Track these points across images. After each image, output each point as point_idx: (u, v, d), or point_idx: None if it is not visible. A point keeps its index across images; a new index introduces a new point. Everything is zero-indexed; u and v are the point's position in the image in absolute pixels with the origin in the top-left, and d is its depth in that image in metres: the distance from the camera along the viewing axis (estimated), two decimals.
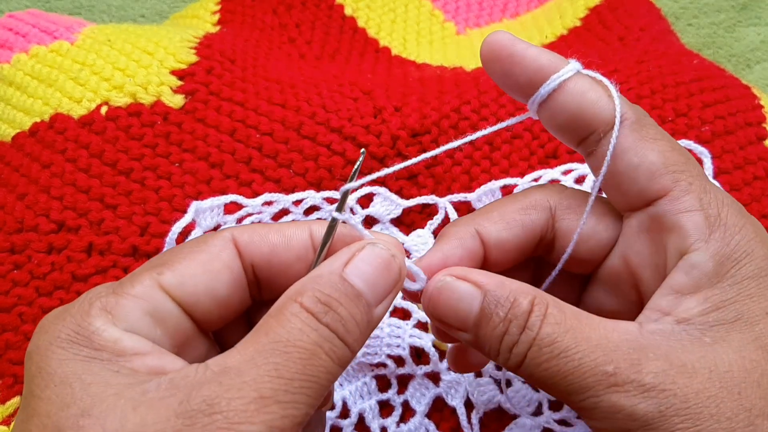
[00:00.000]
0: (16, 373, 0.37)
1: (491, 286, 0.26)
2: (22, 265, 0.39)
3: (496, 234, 0.29)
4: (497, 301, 0.26)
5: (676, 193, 0.26)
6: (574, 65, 0.28)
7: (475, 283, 0.26)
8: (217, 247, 0.25)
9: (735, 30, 0.70)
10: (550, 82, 0.27)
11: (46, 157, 0.42)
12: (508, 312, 0.26)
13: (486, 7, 0.65)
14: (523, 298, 0.26)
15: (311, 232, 0.27)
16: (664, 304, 0.26)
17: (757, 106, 0.47)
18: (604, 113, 0.27)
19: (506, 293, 0.26)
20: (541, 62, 0.27)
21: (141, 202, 0.40)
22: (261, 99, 0.44)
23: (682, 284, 0.26)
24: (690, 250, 0.26)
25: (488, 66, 0.28)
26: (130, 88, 0.44)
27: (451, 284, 0.27)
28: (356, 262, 0.25)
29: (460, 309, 0.26)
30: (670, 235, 0.26)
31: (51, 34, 0.47)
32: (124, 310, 0.23)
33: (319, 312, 0.23)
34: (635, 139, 0.27)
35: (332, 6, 0.59)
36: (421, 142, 0.43)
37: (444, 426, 0.38)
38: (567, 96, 0.27)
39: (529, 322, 0.25)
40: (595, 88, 0.27)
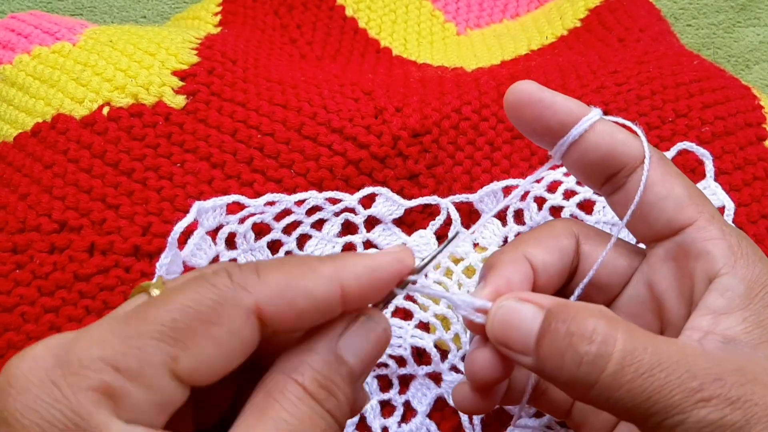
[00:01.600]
0: None
1: (552, 304, 0.26)
2: (24, 265, 0.39)
3: (541, 257, 0.30)
4: (559, 317, 0.25)
5: (701, 223, 0.28)
6: (598, 110, 0.29)
7: (537, 303, 0.26)
8: (238, 321, 0.22)
9: (734, 30, 0.70)
10: (581, 124, 0.29)
11: (48, 158, 0.42)
12: (570, 324, 0.25)
13: (486, 8, 0.65)
14: (588, 314, 0.25)
15: (342, 287, 0.23)
16: (704, 324, 0.26)
17: (756, 106, 0.47)
18: (634, 151, 0.29)
19: (569, 309, 0.25)
20: (570, 106, 0.29)
21: (143, 202, 0.40)
22: (262, 99, 0.44)
23: (719, 305, 0.27)
24: (720, 274, 0.27)
25: (515, 112, 0.30)
26: (131, 88, 0.44)
27: (512, 306, 0.26)
28: (350, 338, 0.24)
29: (522, 329, 0.26)
30: (698, 261, 0.28)
31: (53, 35, 0.47)
32: (130, 400, 0.20)
33: (322, 399, 0.22)
34: (662, 173, 0.29)
35: (333, 7, 0.59)
36: (422, 143, 0.43)
37: (445, 426, 0.38)
38: (598, 136, 0.29)
39: (601, 337, 0.24)
40: (620, 130, 0.29)
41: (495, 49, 0.59)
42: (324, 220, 0.41)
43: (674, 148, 0.43)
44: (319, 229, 0.41)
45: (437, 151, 0.43)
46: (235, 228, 0.39)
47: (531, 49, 0.57)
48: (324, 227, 0.41)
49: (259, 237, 0.40)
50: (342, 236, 0.41)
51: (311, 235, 0.41)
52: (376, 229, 0.41)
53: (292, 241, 0.41)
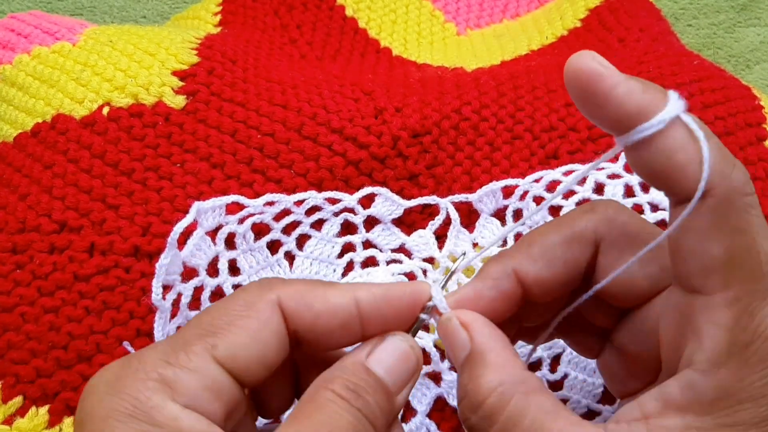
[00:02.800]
0: (18, 373, 0.37)
1: (479, 346, 0.27)
2: (24, 265, 0.39)
3: (535, 273, 0.28)
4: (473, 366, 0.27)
5: (716, 300, 0.23)
6: (674, 107, 0.23)
7: (471, 336, 0.27)
8: (265, 313, 0.25)
9: (734, 31, 0.70)
10: (640, 131, 0.23)
11: (48, 158, 0.42)
12: (469, 383, 0.26)
13: (486, 8, 0.65)
14: (489, 380, 0.26)
15: (358, 301, 0.26)
16: (649, 407, 0.24)
17: (757, 106, 0.47)
18: (689, 182, 0.23)
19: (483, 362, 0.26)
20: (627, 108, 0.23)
21: (143, 203, 0.40)
22: (262, 100, 0.44)
23: (674, 397, 0.24)
24: (696, 368, 0.23)
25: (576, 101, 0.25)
26: (131, 88, 0.44)
27: (453, 326, 0.28)
28: (378, 353, 0.26)
29: (454, 351, 0.28)
30: (691, 336, 0.24)
31: (53, 35, 0.47)
32: (183, 384, 0.23)
33: (350, 398, 0.24)
34: (708, 224, 0.23)
35: (333, 7, 0.59)
36: (422, 143, 0.43)
37: (445, 426, 0.38)
38: (654, 153, 0.23)
39: (483, 406, 0.26)
40: (686, 148, 0.23)
41: (495, 49, 0.59)
42: (323, 220, 0.41)
43: None
44: (318, 229, 0.41)
45: (437, 152, 0.43)
46: (235, 228, 0.39)
47: (531, 49, 0.57)
48: (323, 227, 0.41)
49: (258, 237, 0.40)
50: (341, 236, 0.41)
51: (310, 235, 0.41)
52: (376, 229, 0.41)
53: (291, 241, 0.41)
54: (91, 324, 0.37)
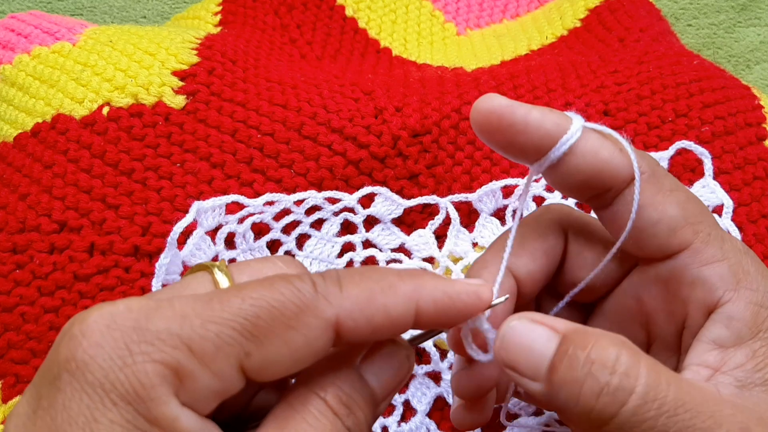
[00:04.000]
0: (18, 373, 0.37)
1: (569, 329, 0.24)
2: (24, 265, 0.39)
3: (525, 268, 0.28)
4: (577, 343, 0.23)
5: (697, 246, 0.26)
6: (578, 122, 0.26)
7: (551, 327, 0.24)
8: (315, 331, 0.22)
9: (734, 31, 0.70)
10: (559, 146, 0.25)
11: (48, 158, 0.42)
12: (591, 351, 0.23)
13: (486, 8, 0.66)
14: (609, 342, 0.23)
15: (418, 309, 0.23)
16: (711, 360, 0.25)
17: (757, 106, 0.47)
18: (620, 170, 0.26)
19: (588, 336, 0.23)
20: (546, 127, 0.25)
21: (143, 202, 0.40)
22: (262, 100, 0.44)
23: (725, 338, 0.25)
24: (721, 303, 0.25)
25: (485, 136, 0.26)
26: (131, 88, 0.44)
27: (524, 327, 0.24)
28: (374, 361, 0.24)
29: (534, 353, 0.24)
30: (694, 288, 0.26)
31: (53, 35, 0.47)
32: (194, 384, 0.20)
33: (343, 415, 0.22)
34: (653, 193, 0.26)
35: (333, 7, 0.59)
36: (422, 142, 0.43)
37: (445, 425, 0.38)
38: (579, 158, 0.25)
39: (624, 368, 0.22)
40: (605, 145, 0.26)
41: (495, 49, 0.59)
42: (323, 219, 0.41)
43: (673, 147, 0.43)
44: (318, 229, 0.41)
45: (437, 151, 0.43)
46: (235, 228, 0.39)
47: (531, 49, 0.57)
48: (323, 227, 0.41)
49: (258, 237, 0.40)
50: (341, 236, 0.41)
51: (310, 234, 0.41)
52: (376, 229, 0.42)
53: (291, 241, 0.41)
54: None
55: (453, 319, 0.24)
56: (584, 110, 0.45)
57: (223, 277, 0.24)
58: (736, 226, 0.41)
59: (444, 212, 0.42)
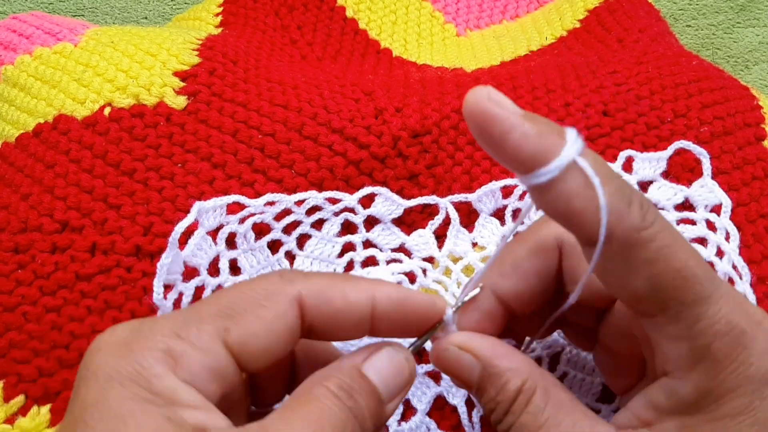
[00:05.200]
0: (20, 372, 0.37)
1: (489, 359, 0.28)
2: (25, 265, 0.39)
3: (513, 289, 0.30)
4: (491, 378, 0.28)
5: (659, 320, 0.25)
6: (570, 151, 0.23)
7: (475, 355, 0.28)
8: (283, 306, 0.25)
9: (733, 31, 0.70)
10: (537, 176, 0.23)
11: (50, 158, 0.42)
12: (498, 393, 0.28)
13: (486, 9, 0.66)
14: (513, 382, 0.28)
15: (374, 301, 0.27)
16: (643, 414, 0.27)
17: (755, 107, 0.47)
18: (588, 227, 0.23)
19: (500, 371, 0.28)
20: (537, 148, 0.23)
21: (144, 203, 0.40)
22: (263, 100, 0.44)
23: (662, 404, 0.26)
24: (672, 376, 0.26)
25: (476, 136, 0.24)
26: (133, 89, 0.44)
27: (454, 353, 0.29)
28: (373, 360, 0.27)
29: (463, 376, 0.29)
30: (656, 352, 0.26)
31: (54, 35, 0.47)
32: (187, 360, 0.24)
33: (343, 397, 0.25)
34: (620, 265, 0.24)
35: (334, 8, 0.59)
36: (422, 143, 0.43)
37: (445, 425, 0.38)
38: (554, 198, 0.23)
39: (512, 407, 0.27)
40: (582, 194, 0.23)
41: (495, 50, 0.59)
42: (324, 219, 0.41)
43: (671, 147, 0.43)
44: (318, 229, 0.41)
45: (437, 152, 0.43)
46: (236, 228, 0.40)
47: (530, 50, 0.58)
48: (324, 227, 0.41)
49: (259, 237, 0.40)
50: (342, 236, 0.41)
51: (311, 234, 0.41)
52: (376, 229, 0.42)
53: (292, 241, 0.41)
54: (93, 323, 0.38)
55: (408, 318, 0.28)
56: (583, 110, 0.45)
57: None
58: (735, 226, 0.41)
59: (444, 212, 0.42)
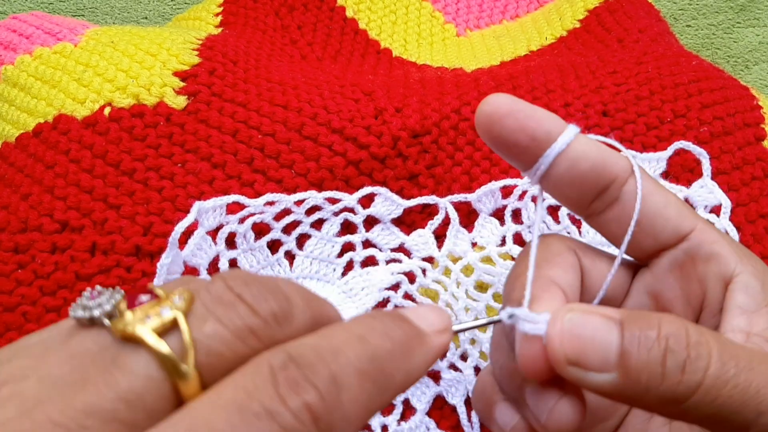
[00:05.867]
0: None
1: (624, 315, 0.23)
2: (25, 265, 0.39)
3: (564, 279, 0.27)
4: (642, 325, 0.22)
5: (701, 226, 0.28)
6: (574, 126, 0.27)
7: (605, 315, 0.23)
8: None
9: (733, 31, 0.70)
10: (567, 133, 0.26)
11: (50, 158, 0.42)
12: (660, 330, 0.22)
13: (486, 9, 0.66)
14: (669, 318, 0.23)
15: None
16: (742, 325, 0.26)
17: (755, 107, 0.47)
18: (621, 163, 0.27)
19: (646, 317, 0.23)
20: (552, 118, 0.27)
21: (144, 202, 0.40)
22: (263, 100, 0.44)
23: (748, 303, 0.26)
24: (736, 273, 0.27)
25: (492, 125, 0.26)
26: (133, 89, 0.44)
27: (579, 318, 0.23)
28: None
29: (598, 343, 0.22)
30: (710, 264, 0.27)
31: (54, 35, 0.47)
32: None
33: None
34: (652, 182, 0.28)
35: (334, 8, 0.59)
36: (422, 143, 0.43)
37: (444, 424, 0.38)
38: (584, 146, 0.27)
39: (695, 337, 0.22)
40: (600, 145, 0.27)
41: (494, 50, 0.59)
42: (323, 219, 0.41)
43: (671, 147, 0.43)
44: (318, 229, 0.41)
45: (437, 152, 0.43)
46: (235, 228, 0.40)
47: (530, 50, 0.58)
48: (323, 227, 0.41)
49: (258, 237, 0.40)
50: (341, 236, 0.41)
51: (310, 234, 0.41)
52: (375, 229, 0.42)
53: (291, 241, 0.41)
54: None
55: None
56: (583, 111, 0.45)
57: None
58: (734, 226, 0.41)
59: (443, 212, 0.42)
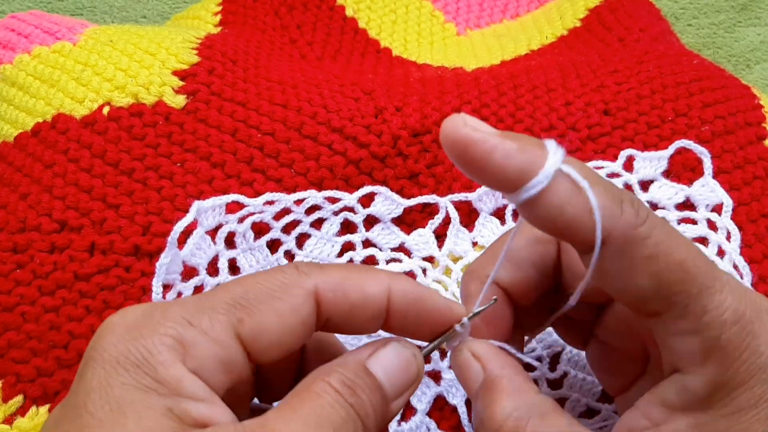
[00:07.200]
0: (18, 372, 0.37)
1: (490, 374, 0.27)
2: (24, 265, 0.39)
3: (510, 278, 0.29)
4: (482, 398, 0.27)
5: (665, 318, 0.24)
6: (553, 161, 0.23)
7: (483, 365, 0.28)
8: (299, 298, 0.25)
9: (735, 30, 0.70)
10: (526, 191, 0.23)
11: (49, 157, 0.42)
12: (484, 411, 0.27)
13: (486, 8, 0.66)
14: (501, 410, 0.26)
15: (390, 293, 0.26)
16: (655, 415, 0.26)
17: (756, 106, 0.47)
18: (584, 233, 0.23)
19: (493, 392, 0.27)
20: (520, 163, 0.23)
21: (143, 202, 0.40)
22: (262, 99, 0.44)
23: (673, 401, 0.25)
24: (683, 372, 0.25)
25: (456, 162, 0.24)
26: (131, 88, 0.44)
27: (465, 358, 0.28)
28: (379, 355, 0.26)
29: (468, 384, 0.28)
30: (664, 351, 0.26)
31: (53, 34, 0.47)
32: (197, 349, 0.23)
33: (345, 393, 0.24)
34: (621, 265, 0.24)
35: (333, 7, 0.59)
36: (422, 142, 0.43)
37: (445, 425, 0.38)
38: (545, 209, 0.23)
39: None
40: (573, 201, 0.23)
41: (495, 49, 0.59)
42: (323, 219, 0.41)
43: (672, 146, 0.43)
44: (318, 228, 0.41)
45: (437, 151, 0.43)
46: (235, 227, 0.40)
47: (531, 49, 0.57)
48: (323, 226, 0.41)
49: (258, 236, 0.40)
50: (341, 235, 0.41)
51: (310, 234, 0.41)
52: (375, 228, 0.42)
53: (291, 240, 0.41)
54: (92, 323, 0.38)
55: (422, 317, 0.27)
56: (584, 109, 0.45)
57: None
58: (736, 225, 0.41)
59: (444, 212, 0.42)
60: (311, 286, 0.25)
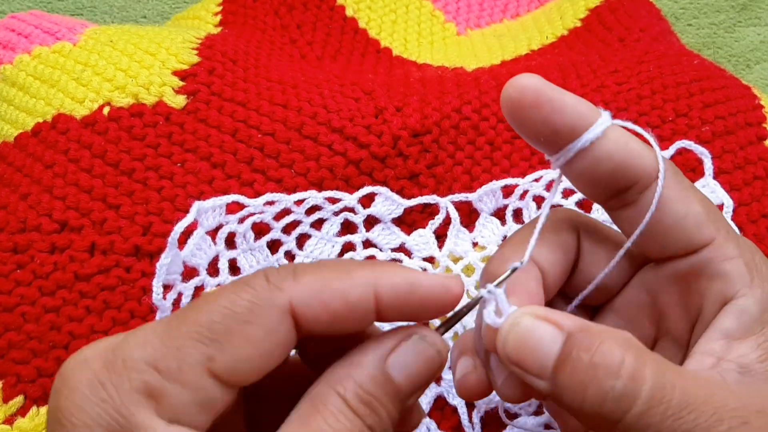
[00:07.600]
0: (19, 373, 0.37)
1: (574, 327, 0.23)
2: (24, 265, 0.39)
3: (546, 257, 0.28)
4: (581, 344, 0.23)
5: (719, 241, 0.26)
6: (608, 114, 0.26)
7: (556, 323, 0.24)
8: (272, 320, 0.22)
9: (735, 30, 0.70)
10: (594, 128, 0.25)
11: (49, 158, 0.42)
12: (594, 355, 0.23)
13: (487, 8, 0.65)
14: (614, 343, 0.23)
15: (377, 292, 0.23)
16: (717, 349, 0.25)
17: (757, 106, 0.47)
18: (648, 164, 0.26)
19: (593, 336, 0.23)
20: (581, 109, 0.26)
21: (143, 202, 0.40)
22: (263, 99, 0.44)
23: (733, 329, 0.25)
24: (737, 296, 0.26)
25: (517, 112, 0.26)
26: (132, 88, 0.44)
27: (528, 324, 0.24)
28: (400, 354, 0.23)
29: (539, 352, 0.24)
30: (713, 282, 0.26)
31: (53, 35, 0.47)
32: (170, 398, 0.21)
33: (363, 414, 0.22)
34: (679, 189, 0.26)
35: (333, 7, 0.59)
36: (423, 142, 0.43)
37: (445, 425, 0.38)
38: (611, 144, 0.26)
39: (629, 372, 0.22)
40: (634, 139, 0.26)
41: (495, 49, 0.59)
42: (323, 219, 0.41)
43: (673, 147, 0.43)
44: (318, 229, 0.41)
45: (437, 151, 0.43)
46: (235, 228, 0.39)
47: (531, 49, 0.57)
48: (323, 227, 0.41)
49: (258, 236, 0.40)
50: (341, 235, 0.41)
51: (311, 234, 0.41)
52: (376, 229, 0.42)
53: (291, 241, 0.41)
54: (92, 324, 0.38)
55: (420, 307, 0.24)
56: None
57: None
58: (737, 225, 0.41)
59: (444, 212, 0.42)
60: (284, 302, 0.22)
